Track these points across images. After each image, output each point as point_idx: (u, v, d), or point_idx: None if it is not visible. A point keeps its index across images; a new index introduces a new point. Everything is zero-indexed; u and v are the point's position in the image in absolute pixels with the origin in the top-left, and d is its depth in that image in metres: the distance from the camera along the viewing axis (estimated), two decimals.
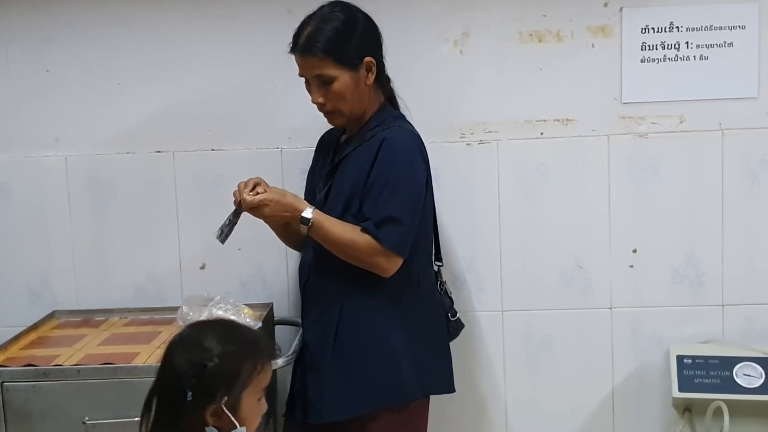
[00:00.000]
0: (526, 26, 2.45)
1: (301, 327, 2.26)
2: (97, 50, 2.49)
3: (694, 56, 2.45)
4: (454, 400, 2.36)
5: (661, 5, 2.44)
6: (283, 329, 2.49)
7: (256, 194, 2.04)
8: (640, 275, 2.51)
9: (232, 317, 2.16)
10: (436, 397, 2.26)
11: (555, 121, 2.48)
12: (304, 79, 2.12)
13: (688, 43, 2.45)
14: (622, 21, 2.45)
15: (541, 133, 2.49)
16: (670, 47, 2.45)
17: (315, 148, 2.38)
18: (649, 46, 2.45)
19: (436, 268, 2.30)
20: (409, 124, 2.19)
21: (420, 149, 2.13)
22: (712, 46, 2.45)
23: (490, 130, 2.49)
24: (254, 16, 2.46)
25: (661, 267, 2.51)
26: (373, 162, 2.07)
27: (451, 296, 2.32)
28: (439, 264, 2.33)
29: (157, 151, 2.52)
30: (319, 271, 2.17)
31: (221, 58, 2.48)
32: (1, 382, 1.99)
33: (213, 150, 2.51)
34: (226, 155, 2.51)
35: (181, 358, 1.52)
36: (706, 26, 2.44)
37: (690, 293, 2.51)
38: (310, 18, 2.09)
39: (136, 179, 2.52)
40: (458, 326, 2.32)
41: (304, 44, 2.06)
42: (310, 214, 2.05)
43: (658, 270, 2.51)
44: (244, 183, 2.08)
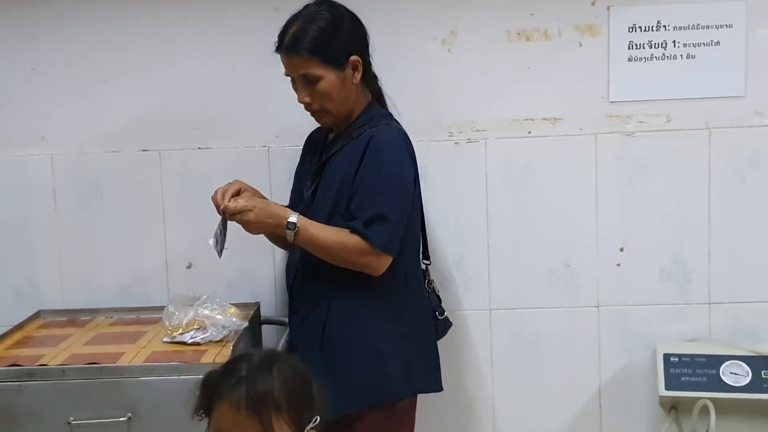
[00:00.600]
0: (514, 25, 2.45)
1: (288, 326, 2.25)
2: (83, 48, 2.47)
3: (682, 55, 2.45)
4: (442, 398, 2.36)
5: (648, 4, 2.44)
6: (271, 328, 2.48)
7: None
8: (627, 274, 2.51)
9: (218, 317, 2.15)
10: (423, 396, 2.26)
11: (543, 119, 2.48)
12: (290, 78, 2.11)
13: (675, 41, 2.45)
14: (610, 20, 2.45)
15: (529, 132, 2.49)
16: (657, 46, 2.45)
17: (302, 147, 2.37)
18: (637, 45, 2.46)
19: (423, 267, 2.30)
20: (397, 122, 2.18)
21: (407, 147, 2.12)
22: (699, 44, 2.45)
23: (478, 129, 2.49)
24: (241, 13, 2.44)
25: (648, 265, 2.51)
26: (360, 160, 2.06)
27: (438, 295, 2.32)
28: (427, 262, 2.32)
29: (144, 150, 2.50)
30: (306, 270, 2.16)
31: (208, 55, 2.47)
32: None
33: (200, 149, 2.50)
34: (213, 154, 2.49)
35: None
36: (694, 25, 2.45)
37: (677, 292, 2.51)
38: (295, 17, 2.08)
39: (123, 178, 2.51)
40: (446, 325, 2.32)
41: (290, 44, 2.05)
42: (295, 219, 2.04)
43: (645, 268, 2.51)
44: (222, 190, 2.06)
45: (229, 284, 2.52)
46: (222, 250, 2.08)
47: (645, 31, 2.45)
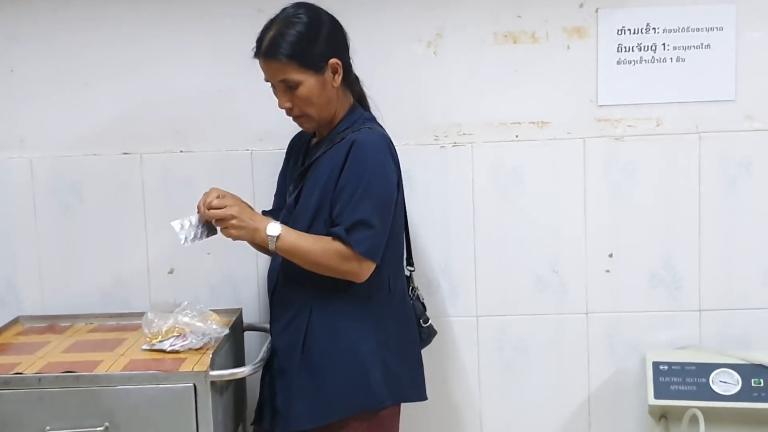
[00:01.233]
0: (501, 27, 2.42)
1: (270, 333, 2.21)
2: (63, 49, 2.44)
3: (671, 58, 2.42)
4: (428, 407, 2.32)
5: (637, 6, 2.41)
6: (253, 335, 2.45)
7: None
8: (616, 280, 2.48)
9: (199, 324, 2.11)
10: (409, 405, 2.22)
11: (530, 123, 2.45)
12: (270, 83, 2.08)
13: (664, 44, 2.42)
14: (598, 22, 2.42)
15: (516, 136, 2.45)
16: (646, 49, 2.42)
17: (285, 151, 2.34)
18: (626, 48, 2.42)
19: (407, 273, 2.27)
20: (379, 126, 2.15)
21: (390, 151, 2.09)
22: (689, 47, 2.42)
23: (465, 133, 2.45)
24: (223, 15, 2.41)
25: (638, 272, 2.48)
26: (342, 165, 2.03)
27: (423, 302, 2.28)
28: (411, 269, 2.29)
29: (125, 153, 2.47)
30: (288, 277, 2.13)
31: (190, 57, 2.44)
32: None
33: (182, 152, 2.47)
34: (195, 157, 2.46)
35: None
36: (683, 27, 2.42)
37: (667, 298, 2.48)
38: (272, 21, 2.04)
39: (103, 181, 2.47)
40: (430, 333, 2.29)
41: (267, 49, 2.02)
42: (276, 229, 2.01)
43: (635, 275, 2.48)
44: (204, 197, 2.06)
45: (212, 289, 2.49)
46: (186, 239, 2.02)
47: (634, 33, 2.42)
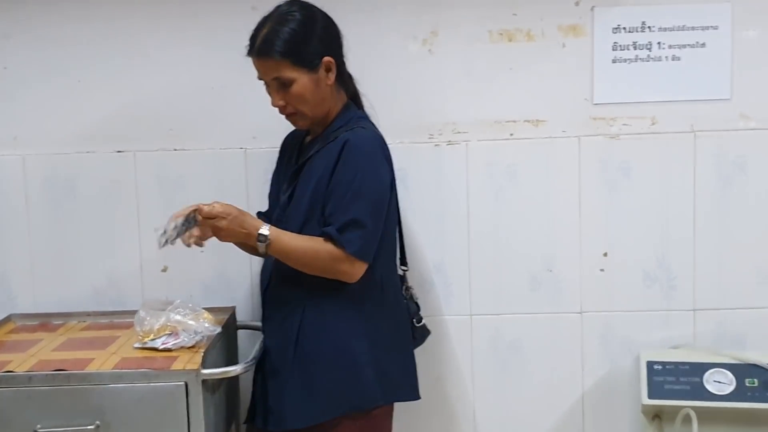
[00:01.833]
0: (496, 25, 2.41)
1: (262, 332, 2.20)
2: (57, 47, 2.43)
3: (666, 57, 2.42)
4: (422, 406, 2.31)
5: (632, 5, 2.40)
6: (246, 333, 2.44)
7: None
8: (610, 279, 2.48)
9: (191, 322, 2.11)
10: (403, 404, 2.22)
11: (525, 121, 2.44)
12: (263, 81, 2.07)
13: (660, 43, 2.41)
14: (594, 20, 2.41)
15: (511, 134, 2.44)
16: (641, 47, 2.42)
17: (279, 149, 2.33)
18: (621, 46, 2.42)
19: (401, 273, 2.26)
20: (373, 125, 2.14)
21: (383, 150, 2.08)
22: (684, 46, 2.41)
23: (459, 131, 2.44)
24: (217, 12, 2.40)
25: (632, 271, 2.47)
26: (335, 165, 2.02)
27: (417, 302, 2.28)
28: (405, 268, 2.28)
29: (118, 151, 2.46)
30: (281, 276, 2.12)
31: (184, 55, 2.43)
32: None
33: (175, 150, 2.46)
34: (189, 155, 2.45)
35: None
36: (679, 26, 2.41)
37: (661, 297, 2.47)
38: (266, 19, 2.04)
39: (96, 179, 2.46)
40: (424, 332, 2.28)
41: (261, 47, 2.01)
42: (267, 231, 2.01)
43: (629, 274, 2.47)
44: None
45: (205, 288, 2.48)
46: (166, 242, 2.00)
47: (629, 32, 2.41)
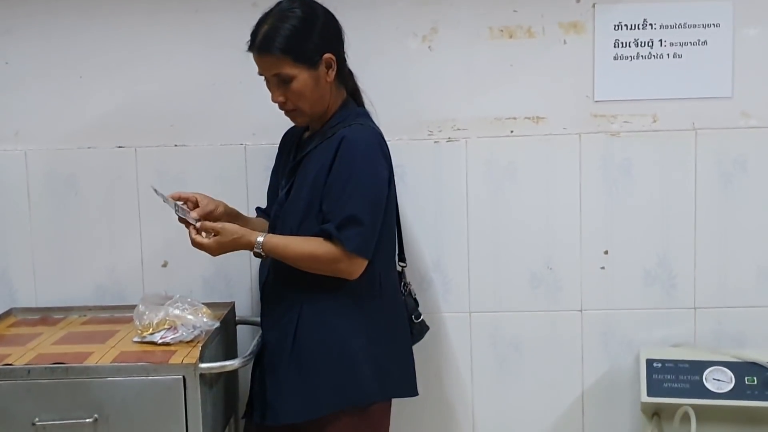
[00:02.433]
0: (497, 22, 2.41)
1: (261, 327, 2.21)
2: (58, 42, 2.44)
3: (668, 54, 2.41)
4: (420, 403, 2.32)
5: (634, 2, 2.40)
6: (245, 329, 2.44)
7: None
8: (611, 277, 2.47)
9: (190, 317, 2.11)
10: (401, 401, 2.22)
11: (525, 118, 2.44)
12: (264, 77, 2.07)
13: (661, 40, 2.41)
14: (595, 17, 2.40)
15: (511, 131, 2.44)
16: (643, 45, 2.41)
17: (278, 145, 2.33)
18: (622, 44, 2.41)
19: (399, 269, 2.26)
20: (371, 122, 2.14)
21: (381, 147, 2.08)
22: (686, 44, 2.41)
23: (459, 128, 2.44)
24: (219, 9, 2.41)
25: (633, 269, 2.47)
26: (332, 161, 2.02)
27: (415, 298, 2.28)
28: (403, 265, 2.28)
29: (119, 147, 2.47)
30: (279, 272, 2.12)
31: (185, 51, 2.43)
32: None
33: (176, 146, 2.46)
34: (189, 151, 2.46)
35: None
36: (680, 24, 2.40)
37: (662, 296, 2.47)
38: (267, 15, 2.04)
39: (98, 175, 2.47)
40: (422, 329, 2.28)
41: (261, 43, 2.01)
42: (259, 249, 2.03)
43: (630, 272, 2.47)
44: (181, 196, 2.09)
45: (205, 283, 2.49)
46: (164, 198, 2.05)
47: (631, 29, 2.41)
